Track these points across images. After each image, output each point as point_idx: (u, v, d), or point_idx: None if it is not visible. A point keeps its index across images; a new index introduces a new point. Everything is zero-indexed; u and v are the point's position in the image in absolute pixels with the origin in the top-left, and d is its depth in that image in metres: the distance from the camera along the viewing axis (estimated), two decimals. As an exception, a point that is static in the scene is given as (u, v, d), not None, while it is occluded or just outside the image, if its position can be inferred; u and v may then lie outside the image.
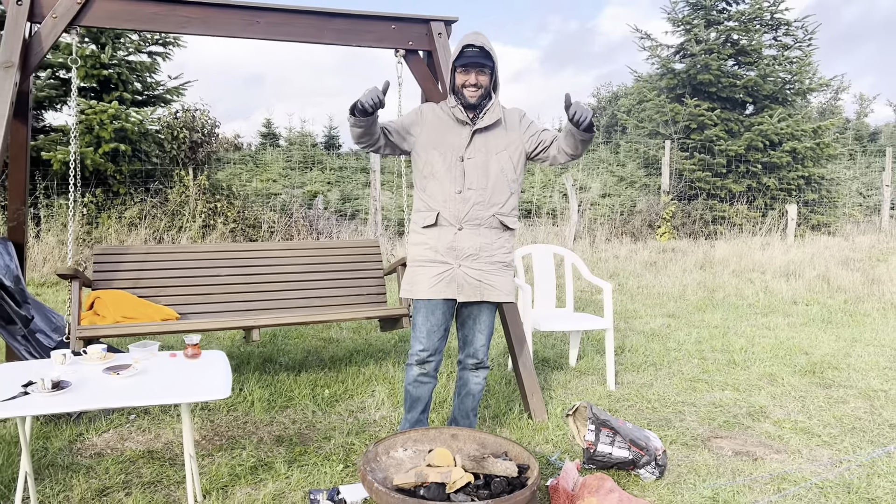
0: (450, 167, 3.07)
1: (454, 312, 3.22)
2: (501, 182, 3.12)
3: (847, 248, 11.46)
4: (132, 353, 2.79)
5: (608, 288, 4.50)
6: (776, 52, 14.17)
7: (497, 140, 3.13)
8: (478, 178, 3.07)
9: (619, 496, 2.73)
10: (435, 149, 3.09)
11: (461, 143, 3.09)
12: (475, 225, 3.08)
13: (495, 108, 3.13)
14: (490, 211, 3.10)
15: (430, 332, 3.14)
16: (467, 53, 3.01)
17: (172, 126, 10.20)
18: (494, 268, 3.13)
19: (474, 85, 3.04)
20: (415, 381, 3.22)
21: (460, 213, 3.07)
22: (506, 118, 3.18)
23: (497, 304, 3.23)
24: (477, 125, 3.10)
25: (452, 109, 3.11)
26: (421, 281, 3.12)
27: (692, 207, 13.27)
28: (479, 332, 3.21)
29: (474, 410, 3.35)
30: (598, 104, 28.89)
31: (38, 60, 3.82)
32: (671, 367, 4.92)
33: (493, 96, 3.14)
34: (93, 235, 9.03)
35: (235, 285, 4.38)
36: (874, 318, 6.66)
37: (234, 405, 4.01)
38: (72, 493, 2.93)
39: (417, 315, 3.16)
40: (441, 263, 3.09)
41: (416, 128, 3.15)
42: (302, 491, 2.99)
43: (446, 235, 3.08)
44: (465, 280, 3.09)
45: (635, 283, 8.38)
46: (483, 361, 3.27)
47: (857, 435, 3.73)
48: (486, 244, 3.11)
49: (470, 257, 3.09)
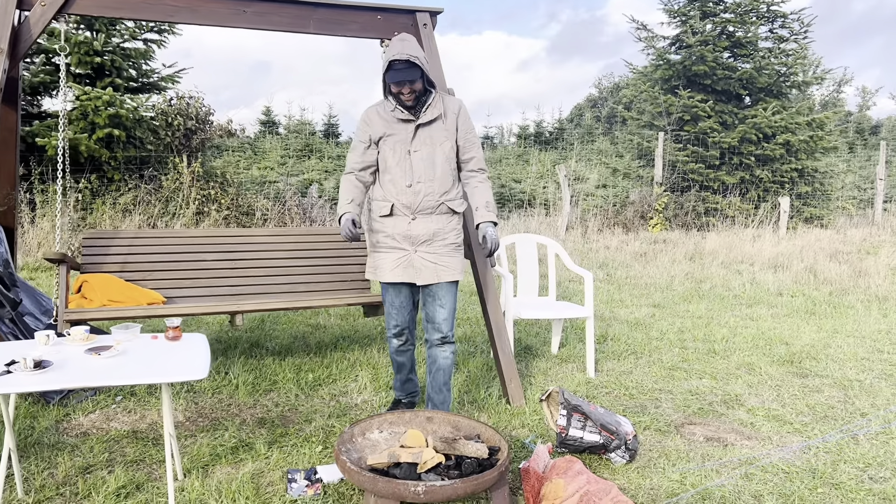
0: (399, 161, 3.30)
1: (418, 289, 3.47)
2: (447, 171, 3.35)
3: (838, 241, 11.54)
4: (114, 335, 2.86)
5: (589, 277, 4.57)
6: (772, 45, 14.19)
7: (439, 132, 3.34)
8: (425, 170, 3.30)
9: (588, 478, 2.81)
10: (385, 144, 3.33)
11: (407, 138, 3.31)
12: (427, 214, 3.32)
13: (436, 104, 3.33)
14: (439, 199, 3.33)
15: (399, 309, 3.46)
16: (396, 67, 3.16)
17: (167, 113, 10.24)
18: (447, 250, 3.37)
19: (409, 91, 3.21)
20: (396, 350, 3.59)
21: (413, 204, 3.30)
22: (445, 110, 3.36)
23: (455, 282, 3.42)
24: (420, 119, 3.30)
25: (393, 112, 3.30)
26: (383, 265, 3.38)
27: (685, 199, 13.33)
28: (440, 307, 3.39)
29: (447, 385, 3.50)
30: (600, 94, 28.88)
31: (28, 47, 3.87)
32: (651, 356, 5.00)
33: (432, 91, 3.32)
34: (87, 221, 9.09)
35: (221, 270, 4.45)
36: (857, 309, 6.74)
37: (218, 388, 4.09)
38: (56, 471, 3.01)
39: (386, 295, 3.47)
40: (399, 249, 3.35)
41: (371, 136, 3.36)
42: (280, 470, 3.08)
43: (401, 224, 3.33)
44: (422, 264, 3.33)
45: (624, 274, 8.46)
46: (448, 336, 3.42)
47: (829, 423, 3.82)
48: (439, 230, 3.34)
49: (425, 243, 3.33)
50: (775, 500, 2.92)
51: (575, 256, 9.61)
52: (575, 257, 9.52)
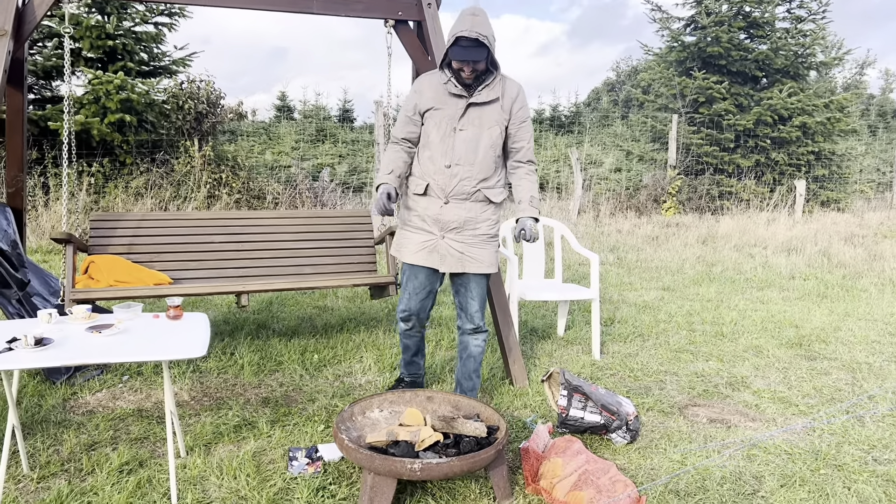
0: (443, 138, 3.12)
1: (440, 276, 3.35)
2: (490, 157, 3.17)
3: (854, 225, 11.39)
4: (116, 314, 2.89)
5: (595, 259, 4.54)
6: (789, 25, 13.95)
7: (491, 114, 3.14)
8: (466, 152, 3.12)
9: (587, 457, 2.81)
10: (431, 118, 3.15)
11: (455, 114, 3.12)
12: (461, 199, 3.16)
13: (495, 86, 3.13)
14: (476, 186, 3.17)
15: (412, 294, 3.34)
16: (462, 44, 2.97)
17: (178, 96, 10.27)
18: (478, 240, 3.22)
19: (471, 70, 3.04)
20: (404, 333, 3.54)
21: (447, 186, 3.15)
22: (504, 92, 3.16)
23: (486, 274, 3.31)
24: (473, 99, 3.11)
25: (446, 85, 3.12)
26: (407, 245, 3.26)
27: (699, 182, 13.20)
28: (472, 300, 3.31)
29: (476, 372, 3.45)
30: (618, 78, 28.57)
31: (32, 28, 3.88)
32: (658, 338, 4.98)
33: (493, 72, 3.12)
34: (100, 205, 9.16)
35: (228, 252, 4.47)
36: (871, 293, 6.66)
37: (224, 368, 4.12)
38: (62, 447, 3.06)
39: (403, 275, 3.37)
40: (426, 232, 3.22)
41: (418, 105, 3.19)
42: (282, 449, 3.10)
43: (433, 206, 3.18)
44: (448, 251, 3.19)
45: (634, 257, 8.41)
46: (480, 326, 3.37)
47: (835, 405, 3.78)
48: (471, 218, 3.19)
49: (454, 230, 3.19)
50: (776, 480, 2.90)
51: (586, 240, 9.56)
52: (586, 241, 9.48)
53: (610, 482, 2.65)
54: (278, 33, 66.39)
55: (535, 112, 20.73)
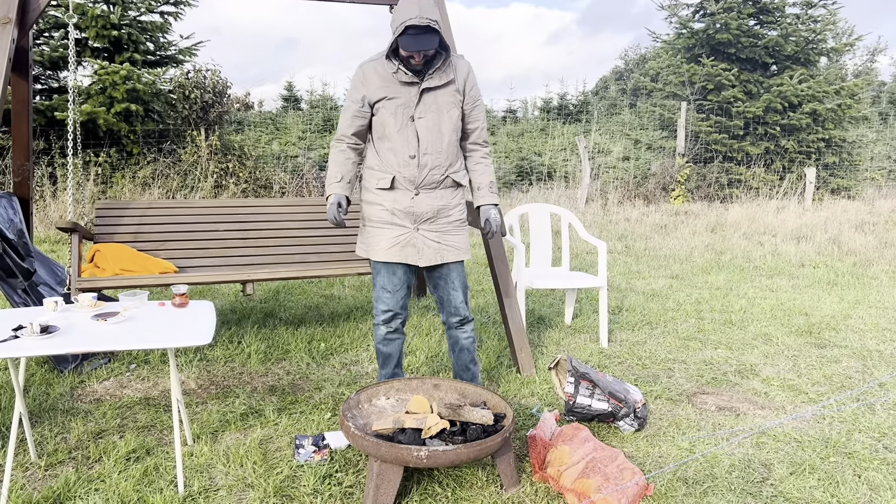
0: (401, 128, 2.98)
1: (415, 269, 3.20)
2: (454, 142, 3.07)
3: (865, 212, 11.29)
4: (121, 302, 2.88)
5: (603, 247, 4.51)
6: (799, 11, 13.79)
7: (447, 97, 3.03)
8: (432, 141, 3.00)
9: (594, 445, 2.79)
10: (384, 108, 2.99)
11: (410, 102, 2.98)
12: (431, 189, 3.05)
13: (447, 68, 3.01)
14: (445, 173, 3.07)
15: (393, 293, 3.14)
16: (411, 33, 2.81)
17: (184, 86, 10.25)
18: (452, 227, 3.12)
19: (421, 57, 2.91)
20: (384, 339, 3.24)
21: (416, 178, 3.01)
22: (457, 73, 3.05)
23: (463, 261, 3.21)
24: (426, 84, 2.98)
25: (396, 74, 2.97)
26: (379, 243, 3.09)
27: (708, 170, 13.11)
28: (454, 291, 3.20)
29: (473, 361, 3.37)
30: (626, 66, 28.35)
31: (36, 16, 3.87)
32: (667, 327, 4.95)
33: (442, 54, 2.99)
34: (107, 195, 9.18)
35: (233, 240, 4.46)
36: (882, 280, 6.60)
37: (231, 357, 4.12)
38: (69, 435, 3.06)
39: (378, 276, 3.14)
40: (398, 226, 3.07)
41: (366, 96, 3.02)
42: (289, 436, 3.10)
43: (403, 199, 3.04)
44: (425, 244, 3.07)
45: (643, 245, 8.36)
46: (466, 317, 3.28)
47: (845, 393, 3.75)
48: (444, 206, 3.09)
49: (428, 220, 3.07)
50: (785, 468, 2.88)
51: (594, 228, 9.52)
52: (594, 229, 9.43)
53: (618, 470, 2.63)
54: (289, 24, 66.34)
55: (542, 101, 20.60)
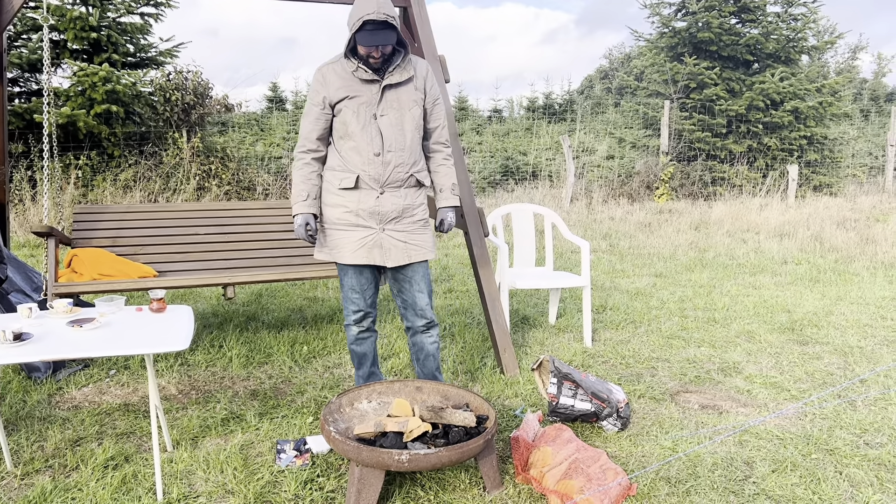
0: (364, 126, 2.96)
1: (381, 268, 3.18)
2: (416, 140, 3.07)
3: (847, 209, 11.38)
4: (98, 308, 2.84)
5: (586, 246, 4.51)
6: (780, 9, 13.89)
7: (408, 94, 3.02)
8: (395, 138, 2.99)
9: (577, 446, 2.79)
10: (346, 107, 2.97)
11: (372, 100, 2.97)
12: (396, 187, 3.03)
13: (406, 65, 3.01)
14: (409, 171, 3.05)
15: (362, 293, 3.14)
16: (368, 29, 2.82)
17: (165, 88, 10.16)
18: (417, 226, 3.11)
19: (380, 54, 2.91)
20: (356, 339, 3.25)
21: (381, 176, 2.99)
22: (416, 70, 3.06)
23: (427, 261, 3.20)
24: (387, 80, 2.97)
25: (356, 72, 2.95)
26: (343, 245, 3.06)
27: (691, 168, 13.17)
28: (419, 293, 3.17)
29: (438, 369, 3.33)
30: (611, 66, 28.43)
31: (10, 19, 3.81)
32: (650, 325, 4.96)
33: (401, 52, 3.00)
34: (88, 198, 9.08)
35: (215, 243, 4.42)
36: (863, 276, 6.66)
37: (213, 361, 4.08)
38: (46, 443, 3.01)
39: (345, 278, 3.13)
40: (363, 227, 3.04)
41: (327, 97, 3.01)
42: (270, 441, 3.07)
43: (368, 199, 3.01)
44: (392, 244, 3.05)
45: (627, 244, 8.38)
46: (432, 320, 3.23)
47: (827, 390, 3.77)
48: (408, 205, 3.07)
49: (394, 220, 3.05)
50: (767, 465, 2.89)
51: (578, 228, 9.53)
52: (578, 228, 9.45)
53: (601, 470, 2.63)
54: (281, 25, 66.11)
55: (528, 100, 20.62)
